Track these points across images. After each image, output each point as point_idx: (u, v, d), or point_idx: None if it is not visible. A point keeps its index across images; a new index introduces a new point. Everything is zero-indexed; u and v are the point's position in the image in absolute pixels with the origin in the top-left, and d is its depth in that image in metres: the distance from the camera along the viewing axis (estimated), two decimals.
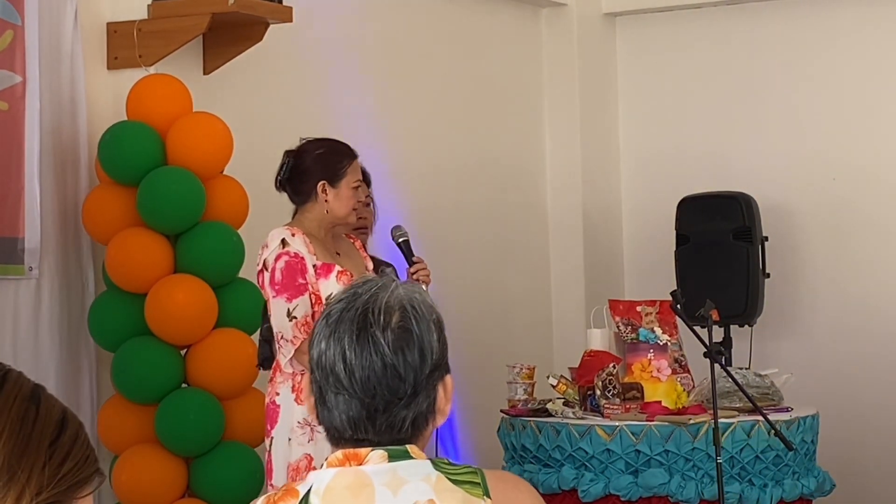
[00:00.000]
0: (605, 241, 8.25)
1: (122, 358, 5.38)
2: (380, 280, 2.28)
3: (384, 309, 2.23)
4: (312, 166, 4.95)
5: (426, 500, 2.19)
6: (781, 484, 5.62)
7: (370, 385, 2.22)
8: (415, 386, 2.23)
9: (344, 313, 2.24)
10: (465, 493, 2.21)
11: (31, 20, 5.33)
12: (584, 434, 5.56)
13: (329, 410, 2.25)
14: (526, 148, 8.08)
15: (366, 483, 2.21)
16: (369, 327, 2.22)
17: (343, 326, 2.23)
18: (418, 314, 2.26)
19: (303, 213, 4.99)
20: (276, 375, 4.93)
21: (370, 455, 2.22)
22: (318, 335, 2.26)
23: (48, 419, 1.55)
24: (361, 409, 2.22)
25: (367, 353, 2.22)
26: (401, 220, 6.22)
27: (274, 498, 2.26)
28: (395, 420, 2.24)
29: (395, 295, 2.25)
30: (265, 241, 4.91)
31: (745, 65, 8.10)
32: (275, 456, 4.88)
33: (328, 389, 2.24)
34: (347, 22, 6.89)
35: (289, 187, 5.00)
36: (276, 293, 4.85)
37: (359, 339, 2.22)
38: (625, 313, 5.92)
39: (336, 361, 2.23)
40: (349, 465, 2.23)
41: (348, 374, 2.22)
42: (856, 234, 7.86)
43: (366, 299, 2.24)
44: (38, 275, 5.37)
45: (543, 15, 8.19)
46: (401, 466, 2.22)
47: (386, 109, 7.07)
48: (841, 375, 7.77)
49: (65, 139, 5.49)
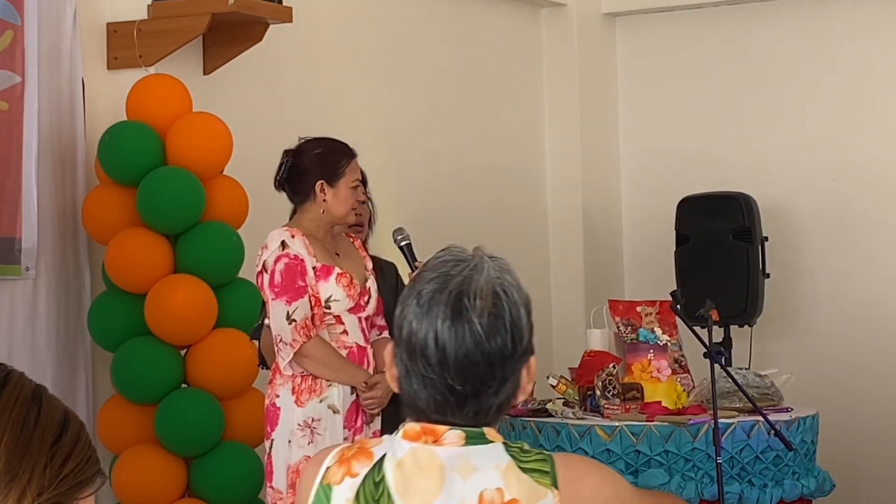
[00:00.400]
0: (605, 241, 8.25)
1: (122, 358, 5.38)
2: (471, 260, 2.26)
3: (478, 294, 2.21)
4: (311, 166, 4.94)
5: (494, 488, 2.20)
6: (781, 484, 5.62)
7: (462, 371, 2.20)
8: (504, 373, 2.23)
9: (436, 294, 2.22)
10: (533, 480, 2.21)
11: (31, 20, 5.33)
12: (583, 434, 5.56)
13: (415, 391, 2.23)
14: (526, 148, 8.07)
15: (438, 466, 2.21)
16: (465, 312, 2.20)
17: (436, 308, 2.21)
18: (510, 299, 2.24)
19: (302, 212, 4.99)
20: (275, 377, 4.92)
21: (447, 434, 2.23)
22: (409, 314, 2.23)
23: (50, 420, 1.55)
24: (449, 394, 2.22)
25: (461, 339, 2.20)
26: (400, 219, 6.22)
27: (348, 454, 2.26)
28: (483, 407, 2.24)
29: (487, 278, 2.23)
30: (265, 243, 4.90)
31: (745, 65, 8.10)
32: (275, 458, 4.87)
33: (414, 369, 2.23)
34: (347, 22, 6.89)
35: (287, 187, 4.99)
36: (276, 295, 4.83)
37: (453, 323, 2.20)
38: (625, 313, 5.92)
39: (428, 343, 2.20)
40: (425, 442, 2.23)
41: (440, 357, 2.20)
42: (856, 234, 7.86)
43: (459, 281, 2.22)
44: (34, 275, 5.36)
45: (543, 15, 8.19)
46: (474, 452, 2.22)
47: (386, 109, 7.07)
48: (841, 375, 7.77)
49: (63, 139, 5.49)
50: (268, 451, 4.90)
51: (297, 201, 5.01)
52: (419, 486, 2.21)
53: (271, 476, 4.88)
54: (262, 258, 4.89)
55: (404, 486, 2.22)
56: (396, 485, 2.21)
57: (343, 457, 2.26)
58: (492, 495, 2.20)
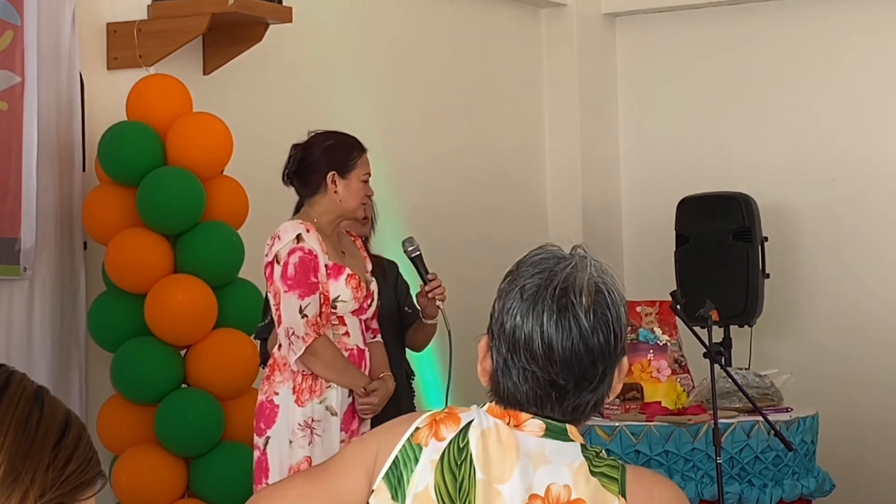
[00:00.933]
0: (606, 241, 8.25)
1: (122, 358, 5.38)
2: (570, 257, 2.29)
3: (583, 290, 2.25)
4: (322, 157, 4.91)
5: (563, 484, 2.23)
6: (781, 484, 5.62)
7: (566, 365, 2.23)
8: (605, 369, 2.26)
9: (541, 290, 2.25)
10: (601, 484, 2.24)
11: (31, 21, 5.32)
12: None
13: (515, 384, 2.26)
14: (526, 148, 8.08)
15: (515, 446, 2.25)
16: (571, 307, 2.23)
17: (542, 303, 2.24)
18: (612, 297, 2.28)
19: (311, 205, 4.92)
20: (274, 374, 4.86)
21: (529, 422, 2.26)
22: (512, 307, 2.26)
23: (52, 421, 1.55)
24: (550, 389, 2.25)
25: (567, 333, 2.23)
26: (400, 219, 6.23)
27: (438, 416, 2.30)
28: (582, 402, 2.27)
29: (590, 275, 2.27)
30: (276, 233, 4.83)
31: (745, 65, 8.10)
32: (271, 455, 4.82)
33: (517, 364, 2.25)
34: (347, 22, 6.89)
35: (296, 179, 4.94)
36: (289, 288, 4.77)
37: (560, 318, 2.23)
38: None
39: (534, 336, 2.23)
40: (507, 423, 2.26)
41: (545, 351, 2.23)
42: (855, 234, 7.86)
43: (563, 277, 2.25)
44: (32, 276, 5.35)
45: (543, 15, 8.19)
46: (550, 445, 2.25)
47: (386, 109, 7.07)
48: (841, 375, 7.77)
49: (63, 139, 5.49)
50: (262, 448, 4.84)
51: (306, 193, 4.95)
52: (498, 461, 2.25)
53: (266, 473, 4.82)
54: (273, 248, 4.81)
55: (485, 456, 2.25)
56: (478, 453, 2.25)
57: (434, 419, 2.30)
58: (559, 490, 2.23)
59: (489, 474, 2.24)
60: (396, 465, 2.27)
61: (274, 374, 4.87)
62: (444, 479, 2.25)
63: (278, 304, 4.80)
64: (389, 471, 2.27)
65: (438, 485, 2.25)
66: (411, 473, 2.26)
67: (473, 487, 2.24)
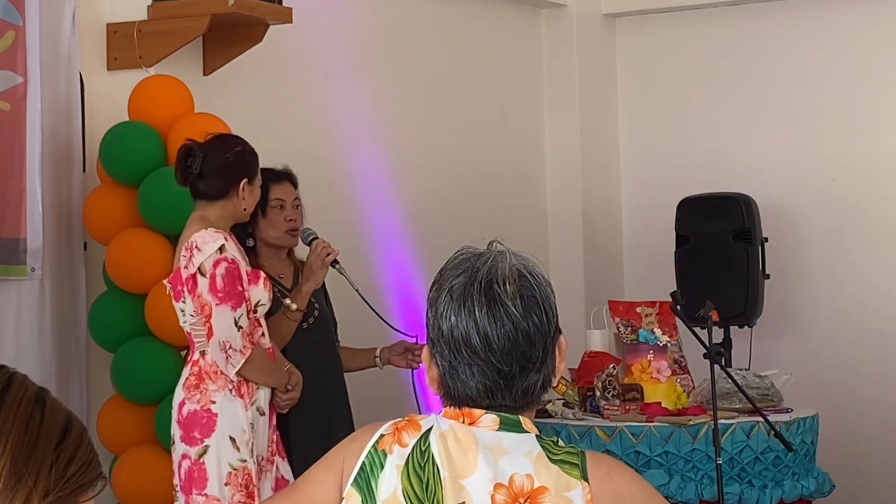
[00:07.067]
0: (605, 241, 8.25)
1: (122, 358, 5.38)
2: (489, 252, 2.39)
3: (507, 279, 2.34)
4: (235, 163, 4.87)
5: (525, 473, 2.31)
6: (781, 485, 5.62)
7: (506, 352, 2.32)
8: (544, 348, 2.35)
9: (468, 287, 2.34)
10: (562, 471, 2.32)
11: (32, 21, 5.32)
12: (583, 435, 5.57)
13: (463, 382, 2.35)
14: (526, 148, 8.08)
15: (473, 442, 2.33)
16: (498, 297, 2.32)
17: (472, 299, 2.33)
18: (536, 280, 2.36)
19: (206, 209, 4.85)
20: (205, 382, 4.78)
21: (483, 417, 2.35)
22: (444, 310, 2.35)
23: (53, 422, 1.55)
24: (498, 377, 2.33)
25: (500, 323, 2.32)
26: (400, 219, 6.23)
27: (400, 424, 2.39)
28: (529, 384, 2.35)
29: (510, 264, 2.36)
30: (192, 243, 4.74)
31: (745, 65, 8.10)
32: (209, 464, 4.73)
33: (461, 361, 2.34)
34: (347, 22, 6.89)
35: (201, 182, 4.86)
36: (220, 301, 4.71)
37: (490, 310, 2.32)
38: (624, 314, 5.93)
39: (470, 332, 2.33)
40: (462, 421, 2.35)
41: (484, 344, 2.32)
42: (855, 234, 7.86)
43: (486, 271, 2.35)
44: (40, 276, 5.36)
45: (543, 15, 8.19)
46: (507, 438, 2.34)
47: (385, 110, 7.07)
48: (841, 376, 7.78)
49: (64, 140, 5.49)
50: (194, 458, 4.75)
51: (208, 196, 4.85)
52: (459, 458, 2.34)
53: (202, 483, 4.73)
54: (193, 260, 4.73)
55: (447, 455, 2.34)
56: (440, 454, 2.34)
57: (396, 427, 2.38)
58: (522, 480, 2.31)
59: (453, 471, 2.33)
60: (364, 471, 2.36)
61: (204, 382, 4.79)
62: (410, 482, 2.34)
63: (208, 318, 4.72)
64: (358, 476, 2.36)
65: (406, 489, 2.34)
66: (378, 479, 2.35)
67: (440, 485, 2.32)
